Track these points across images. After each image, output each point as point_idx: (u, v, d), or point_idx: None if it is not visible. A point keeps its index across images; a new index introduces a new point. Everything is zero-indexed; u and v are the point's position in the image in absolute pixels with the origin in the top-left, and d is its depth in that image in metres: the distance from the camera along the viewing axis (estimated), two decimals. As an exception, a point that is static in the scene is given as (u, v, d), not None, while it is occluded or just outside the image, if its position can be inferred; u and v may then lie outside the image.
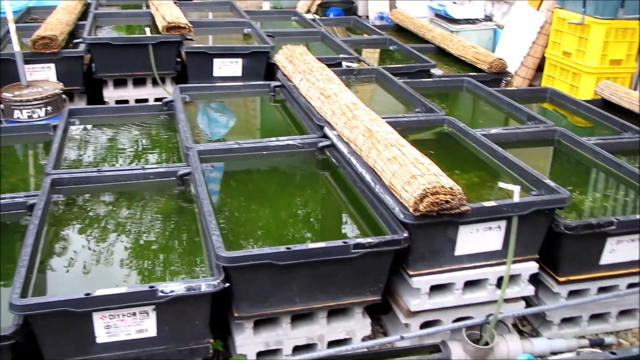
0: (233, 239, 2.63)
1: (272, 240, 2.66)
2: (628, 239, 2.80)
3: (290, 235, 2.71)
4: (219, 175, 3.15)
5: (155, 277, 2.50)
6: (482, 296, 2.75)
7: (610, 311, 2.99)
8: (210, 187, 2.99)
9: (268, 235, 2.70)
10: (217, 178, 3.13)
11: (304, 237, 2.71)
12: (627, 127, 3.98)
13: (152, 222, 2.82)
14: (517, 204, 2.59)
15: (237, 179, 3.18)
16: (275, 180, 3.18)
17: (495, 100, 4.23)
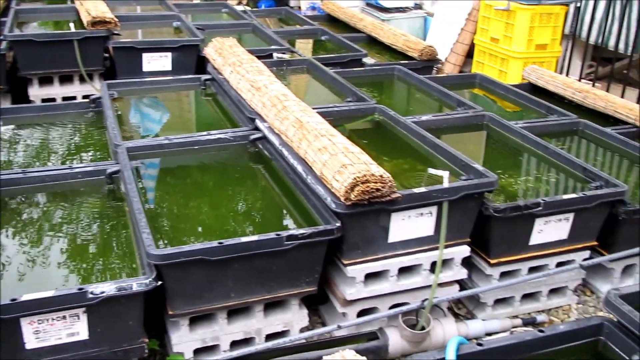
0: (165, 236, 2.58)
1: (206, 235, 2.63)
2: (555, 219, 2.87)
3: (224, 229, 2.68)
4: (149, 172, 3.09)
5: (86, 279, 2.43)
6: (416, 282, 2.78)
7: (541, 290, 3.07)
8: (141, 184, 2.93)
9: (202, 231, 2.66)
10: (148, 175, 3.07)
11: (238, 231, 2.68)
12: (553, 110, 4.09)
13: (81, 223, 2.75)
14: (447, 189, 2.63)
15: (168, 175, 3.12)
16: (207, 175, 3.14)
17: (426, 87, 4.28)
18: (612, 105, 4.21)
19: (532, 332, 2.04)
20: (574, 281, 3.12)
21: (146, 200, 2.82)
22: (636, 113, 4.06)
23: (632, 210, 2.94)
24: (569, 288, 3.13)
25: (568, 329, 2.06)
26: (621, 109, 4.15)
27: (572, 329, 2.06)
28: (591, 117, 4.18)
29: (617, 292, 2.09)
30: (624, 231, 3.02)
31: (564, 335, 2.06)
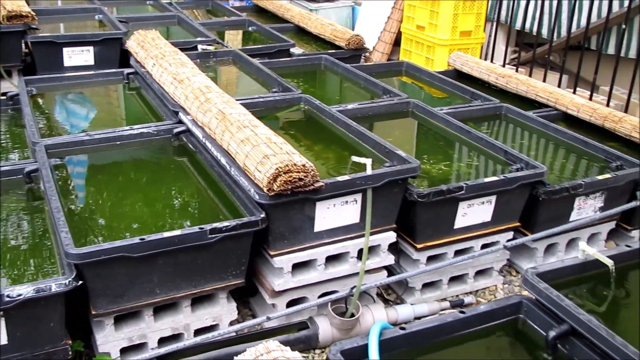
0: (86, 234, 2.51)
1: (130, 232, 2.57)
2: (478, 202, 2.93)
3: (148, 225, 2.63)
4: (69, 170, 3.00)
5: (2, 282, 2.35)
6: (344, 270, 2.79)
7: (468, 272, 3.12)
8: (61, 182, 2.85)
9: (125, 228, 2.60)
10: (68, 173, 2.98)
11: (164, 226, 2.64)
12: (477, 95, 4.17)
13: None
14: (370, 176, 2.64)
15: (90, 172, 3.04)
16: (131, 170, 3.08)
17: (353, 76, 4.30)
18: (534, 89, 4.32)
19: (454, 314, 2.07)
20: (499, 262, 3.19)
21: (66, 199, 2.74)
22: (557, 96, 4.18)
23: (552, 191, 3.02)
24: (495, 269, 3.20)
25: (488, 309, 2.10)
26: (542, 93, 4.26)
27: (492, 308, 2.11)
28: (514, 101, 4.28)
29: (535, 271, 2.15)
30: (544, 211, 3.10)
31: (484, 315, 2.10)
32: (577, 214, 3.21)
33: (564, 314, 1.98)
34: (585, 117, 3.98)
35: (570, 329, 1.97)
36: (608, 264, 2.17)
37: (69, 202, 2.72)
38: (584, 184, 3.07)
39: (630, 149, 3.70)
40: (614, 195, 3.26)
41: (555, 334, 1.97)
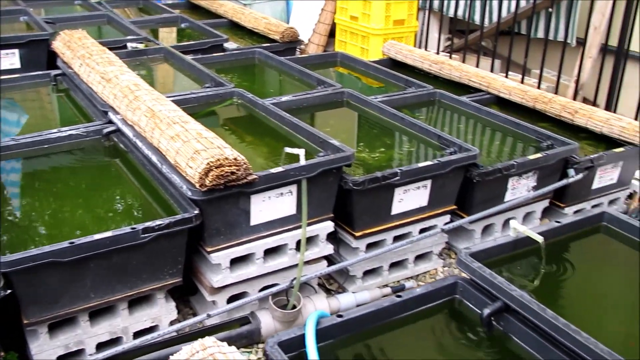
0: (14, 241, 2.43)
1: (61, 236, 2.50)
2: (414, 187, 2.95)
3: (80, 228, 2.56)
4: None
5: None
6: (284, 262, 2.78)
7: (408, 257, 3.15)
8: (-14, 189, 2.75)
9: (56, 232, 2.53)
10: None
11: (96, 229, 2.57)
12: (411, 83, 4.20)
13: None
14: (304, 166, 2.63)
15: (17, 177, 2.94)
16: (61, 173, 2.99)
17: (287, 68, 4.28)
18: (467, 75, 4.38)
19: (390, 298, 2.08)
20: (438, 245, 3.23)
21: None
22: (488, 80, 4.25)
23: (485, 172, 3.06)
24: (434, 252, 3.23)
25: (424, 292, 2.12)
26: (474, 78, 4.32)
27: (427, 291, 2.12)
28: (448, 87, 4.33)
29: (468, 251, 2.17)
30: (479, 193, 3.14)
31: (421, 298, 2.11)
32: (512, 194, 3.27)
33: (497, 291, 2.01)
34: (516, 100, 4.06)
35: (503, 306, 2.00)
36: (539, 240, 2.21)
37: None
38: (516, 165, 3.13)
39: (560, 128, 3.79)
40: (546, 174, 3.33)
41: (490, 311, 2.00)
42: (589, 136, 3.74)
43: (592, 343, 1.76)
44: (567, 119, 3.81)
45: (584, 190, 3.57)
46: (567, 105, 3.84)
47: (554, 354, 1.88)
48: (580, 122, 3.75)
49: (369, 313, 2.02)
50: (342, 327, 1.97)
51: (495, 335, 2.03)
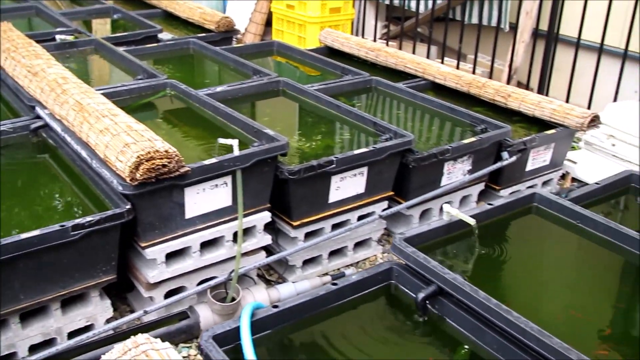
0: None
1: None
2: (350, 175, 2.95)
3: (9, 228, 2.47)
4: None
5: None
6: (221, 254, 2.75)
7: (347, 245, 3.15)
8: None
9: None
10: None
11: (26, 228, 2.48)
12: (348, 70, 4.20)
13: None
14: (238, 157, 2.60)
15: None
16: (-13, 172, 2.88)
17: (222, 58, 4.23)
18: (402, 61, 4.40)
19: (326, 287, 2.08)
20: (377, 232, 3.24)
21: None
22: (424, 66, 4.28)
23: (421, 158, 3.08)
24: (373, 239, 3.25)
25: (360, 278, 2.12)
26: (410, 64, 4.35)
27: (363, 277, 2.13)
28: (385, 74, 4.35)
29: (402, 236, 2.19)
30: (416, 178, 3.16)
31: (356, 285, 2.12)
32: (448, 178, 3.30)
33: (431, 275, 2.03)
34: (451, 85, 4.10)
35: (437, 289, 2.02)
36: (471, 223, 2.24)
37: None
38: (450, 149, 3.16)
39: (494, 112, 3.85)
40: (481, 157, 3.38)
41: (424, 295, 2.02)
42: (522, 119, 3.81)
43: (522, 322, 1.79)
44: (500, 103, 3.87)
45: (518, 172, 3.64)
46: (500, 90, 3.90)
47: (488, 334, 1.90)
48: (513, 105, 3.81)
49: (305, 302, 2.01)
50: (278, 317, 1.96)
51: (431, 319, 2.05)
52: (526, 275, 2.29)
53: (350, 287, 2.10)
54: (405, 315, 2.08)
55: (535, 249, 2.45)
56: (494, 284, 2.21)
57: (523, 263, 2.34)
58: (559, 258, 2.42)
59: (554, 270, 2.34)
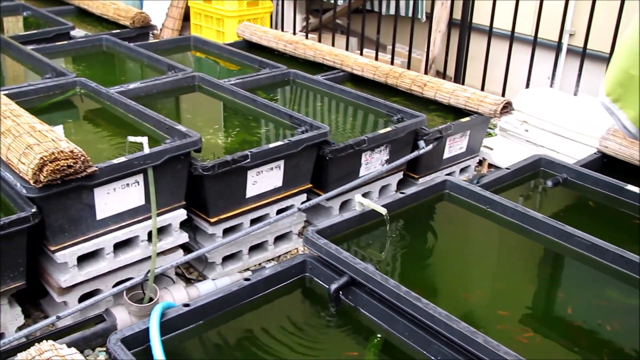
0: None
1: None
2: (267, 169, 2.93)
3: None
4: None
5: None
6: (136, 255, 2.69)
7: (267, 239, 3.14)
8: None
9: None
10: None
11: None
12: (265, 64, 4.17)
13: None
14: (149, 155, 2.54)
15: None
16: None
17: (136, 55, 4.14)
18: (320, 53, 4.40)
19: (239, 282, 2.06)
20: (297, 225, 3.24)
21: None
22: (342, 58, 4.29)
23: (337, 149, 3.09)
24: (294, 232, 3.24)
25: (273, 272, 2.11)
26: (328, 56, 4.36)
27: (276, 271, 2.12)
28: (304, 66, 4.35)
29: (315, 228, 2.19)
30: (333, 170, 3.17)
31: (270, 279, 2.10)
32: (366, 169, 3.32)
33: (343, 265, 2.04)
34: (369, 76, 4.13)
35: (350, 280, 2.03)
36: (382, 213, 2.26)
37: None
38: (367, 139, 3.18)
39: (412, 102, 3.90)
40: (398, 147, 3.41)
41: (336, 287, 2.02)
42: (438, 108, 3.87)
43: (431, 308, 1.82)
44: (417, 93, 3.92)
45: (436, 160, 3.70)
46: (416, 79, 3.95)
47: (399, 322, 1.93)
48: (429, 94, 3.87)
49: (218, 299, 1.99)
50: (190, 316, 1.93)
51: (345, 310, 2.06)
52: (439, 261, 2.33)
53: (264, 282, 2.08)
54: (319, 307, 2.08)
55: (448, 235, 2.49)
56: (407, 272, 2.23)
57: (435, 250, 2.37)
58: (471, 243, 2.48)
59: (465, 255, 2.38)
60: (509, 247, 2.43)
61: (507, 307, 2.10)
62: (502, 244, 2.44)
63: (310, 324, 2.02)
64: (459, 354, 1.79)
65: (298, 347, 1.92)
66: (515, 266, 2.35)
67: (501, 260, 2.38)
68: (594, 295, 2.16)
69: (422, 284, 2.18)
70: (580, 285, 2.21)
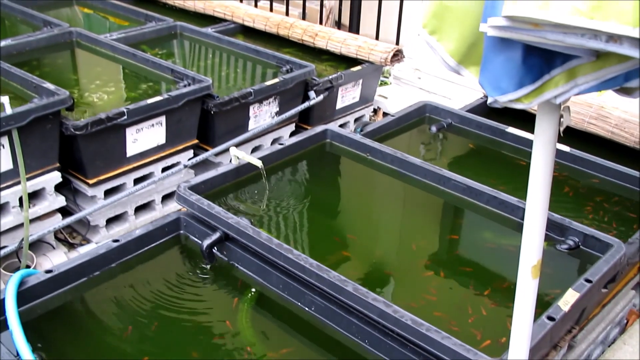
0: None
1: None
2: (147, 125, 2.82)
3: None
4: None
5: None
6: (8, 222, 2.56)
7: (154, 198, 3.04)
8: None
9: None
10: None
11: None
12: (151, 17, 4.01)
13: None
14: (12, 115, 2.39)
15: None
16: None
17: (9, 10, 3.89)
18: (210, 5, 4.26)
19: (107, 244, 1.97)
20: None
21: None
22: (232, 9, 4.17)
23: (222, 103, 3.00)
24: (183, 190, 3.15)
25: (145, 232, 2.04)
26: (219, 8, 4.22)
27: (148, 230, 2.04)
28: (195, 20, 4.20)
29: (187, 184, 2.11)
30: (220, 124, 3.09)
31: (142, 239, 2.03)
32: (255, 121, 3.25)
33: (216, 221, 1.98)
34: (260, 27, 4.03)
35: (223, 235, 1.98)
36: (258, 165, 2.20)
37: None
38: (253, 92, 3.10)
39: (304, 52, 3.84)
40: (288, 98, 3.35)
41: (209, 243, 1.97)
42: (330, 58, 3.82)
43: (302, 259, 1.79)
44: (309, 43, 3.86)
45: (329, 110, 3.66)
46: (307, 29, 3.88)
47: (273, 275, 1.90)
48: (321, 44, 3.81)
49: (83, 263, 1.90)
50: (53, 283, 1.84)
51: (221, 266, 2.01)
52: (316, 211, 2.30)
53: (135, 242, 2.01)
54: (194, 265, 2.02)
55: (327, 185, 2.47)
56: (283, 225, 2.19)
57: (313, 200, 2.34)
58: (350, 191, 2.46)
59: (344, 204, 2.37)
60: (388, 193, 2.42)
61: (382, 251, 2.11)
62: (381, 191, 2.44)
63: (185, 283, 1.96)
64: (331, 302, 1.77)
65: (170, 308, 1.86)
66: (393, 212, 2.35)
67: (379, 207, 2.38)
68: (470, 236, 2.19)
69: (299, 236, 2.16)
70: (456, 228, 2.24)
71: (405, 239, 2.17)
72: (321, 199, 2.35)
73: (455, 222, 2.27)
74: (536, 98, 0.89)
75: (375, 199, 2.43)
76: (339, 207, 2.34)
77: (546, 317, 1.65)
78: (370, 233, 2.21)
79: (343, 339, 1.76)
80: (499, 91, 0.90)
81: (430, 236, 2.20)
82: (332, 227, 2.22)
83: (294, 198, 2.29)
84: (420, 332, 1.58)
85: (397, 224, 2.27)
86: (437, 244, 2.16)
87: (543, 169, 1.07)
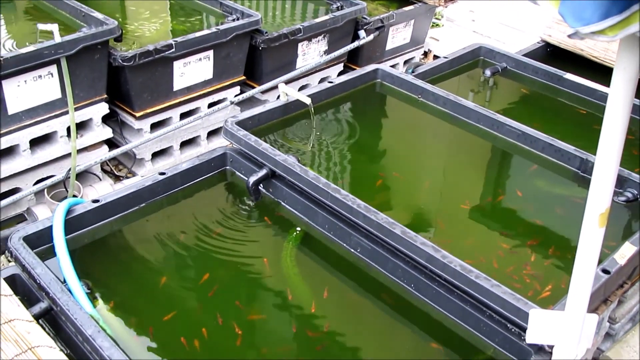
0: None
1: None
2: (195, 59, 2.78)
3: None
4: None
5: None
6: (56, 151, 2.57)
7: (200, 134, 3.02)
8: None
9: None
10: None
11: None
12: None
13: None
14: (60, 44, 2.37)
15: None
16: None
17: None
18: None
19: (153, 177, 1.95)
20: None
21: None
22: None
23: (270, 39, 2.94)
24: (228, 127, 3.13)
25: (191, 166, 2.01)
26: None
27: (194, 165, 2.01)
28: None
29: (234, 119, 2.07)
30: (268, 61, 3.04)
31: (188, 173, 2.00)
32: (303, 60, 3.19)
33: (263, 158, 1.95)
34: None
35: (270, 172, 1.94)
36: (306, 102, 2.15)
37: None
38: (302, 28, 3.03)
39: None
40: (337, 37, 3.27)
41: (255, 179, 1.94)
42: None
43: (350, 200, 1.75)
44: (361, -19, 3.73)
45: (379, 50, 3.57)
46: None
47: (320, 214, 1.86)
48: (373, -18, 3.69)
49: (130, 195, 1.89)
50: (99, 213, 1.83)
51: (265, 203, 1.99)
52: (364, 152, 2.24)
53: (181, 176, 1.98)
54: (240, 201, 2.00)
55: (376, 126, 2.41)
56: (330, 164, 2.15)
57: (361, 140, 2.28)
58: (399, 133, 2.40)
59: (393, 146, 2.31)
60: (439, 136, 2.35)
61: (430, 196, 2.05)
62: (433, 133, 2.37)
63: (231, 218, 1.94)
64: (378, 245, 1.74)
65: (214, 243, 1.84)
66: (444, 156, 2.28)
67: (430, 150, 2.31)
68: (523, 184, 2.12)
69: (346, 176, 2.11)
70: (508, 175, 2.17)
71: (455, 185, 2.11)
72: (370, 140, 2.29)
73: (507, 169, 2.20)
74: (622, 30, 0.82)
75: (425, 142, 2.36)
76: (388, 149, 2.28)
77: (601, 269, 1.59)
78: (419, 177, 2.16)
79: (388, 282, 1.72)
80: (582, 21, 0.82)
81: (481, 183, 2.13)
82: (380, 169, 2.17)
83: (341, 138, 2.24)
84: (469, 278, 1.53)
85: (448, 169, 2.20)
86: (489, 192, 2.09)
87: (622, 109, 0.99)
